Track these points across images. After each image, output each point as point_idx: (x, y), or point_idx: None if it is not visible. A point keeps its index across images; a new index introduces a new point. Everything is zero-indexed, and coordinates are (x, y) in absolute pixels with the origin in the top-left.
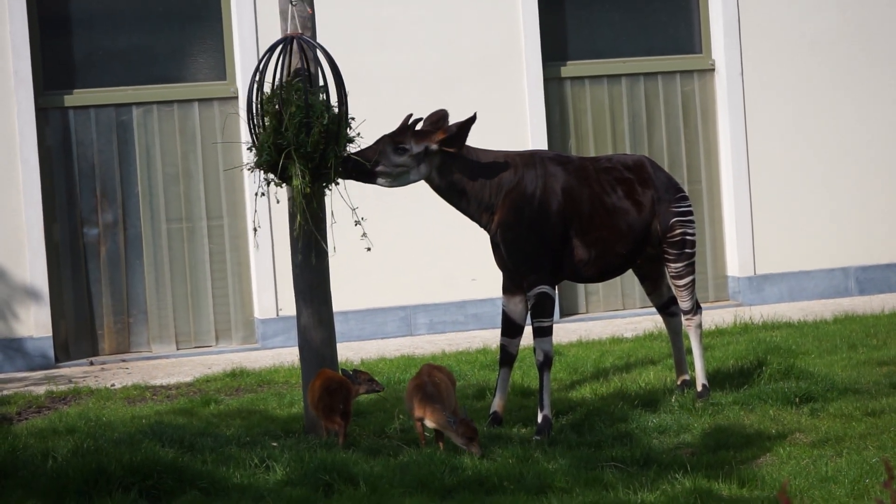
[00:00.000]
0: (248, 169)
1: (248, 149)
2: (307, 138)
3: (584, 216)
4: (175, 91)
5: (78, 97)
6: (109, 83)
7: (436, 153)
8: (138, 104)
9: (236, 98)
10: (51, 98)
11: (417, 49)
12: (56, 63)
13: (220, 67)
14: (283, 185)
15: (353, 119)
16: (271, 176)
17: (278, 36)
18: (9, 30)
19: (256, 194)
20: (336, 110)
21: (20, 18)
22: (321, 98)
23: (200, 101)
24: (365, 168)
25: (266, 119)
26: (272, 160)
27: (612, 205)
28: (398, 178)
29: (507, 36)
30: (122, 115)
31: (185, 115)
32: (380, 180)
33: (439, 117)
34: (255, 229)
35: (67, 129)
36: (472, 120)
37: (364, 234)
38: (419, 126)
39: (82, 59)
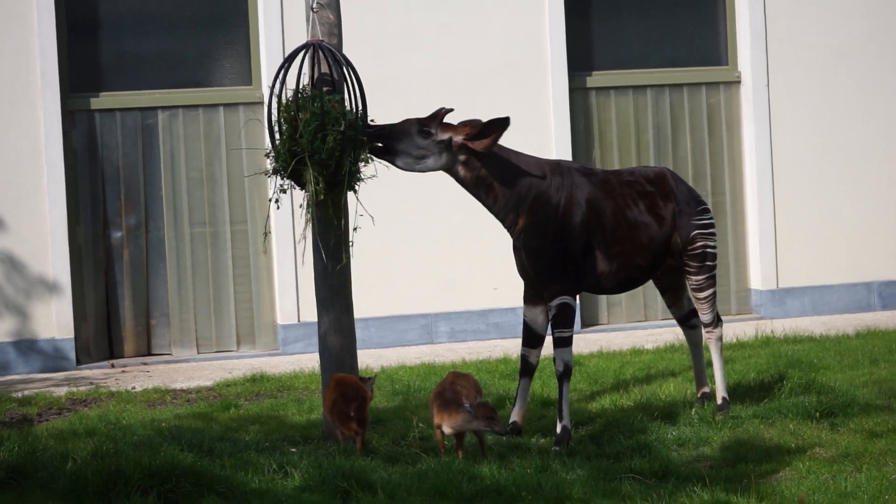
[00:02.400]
0: (267, 175)
1: (265, 155)
2: (322, 145)
3: (606, 229)
4: (201, 95)
5: (104, 100)
6: (136, 87)
7: (461, 147)
8: (164, 108)
9: (262, 103)
10: (77, 101)
11: (444, 56)
12: (83, 66)
13: (245, 72)
14: (303, 191)
15: (372, 121)
16: (289, 182)
17: (305, 41)
18: (37, 32)
19: (271, 200)
20: (353, 117)
21: (48, 21)
22: (337, 105)
23: (226, 105)
24: (387, 143)
25: (284, 125)
26: (286, 166)
27: (634, 219)
28: (419, 161)
29: (533, 45)
30: (148, 119)
31: (211, 119)
32: (399, 160)
33: (477, 122)
34: (265, 234)
35: (93, 131)
36: (505, 122)
37: (352, 243)
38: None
39: (109, 63)
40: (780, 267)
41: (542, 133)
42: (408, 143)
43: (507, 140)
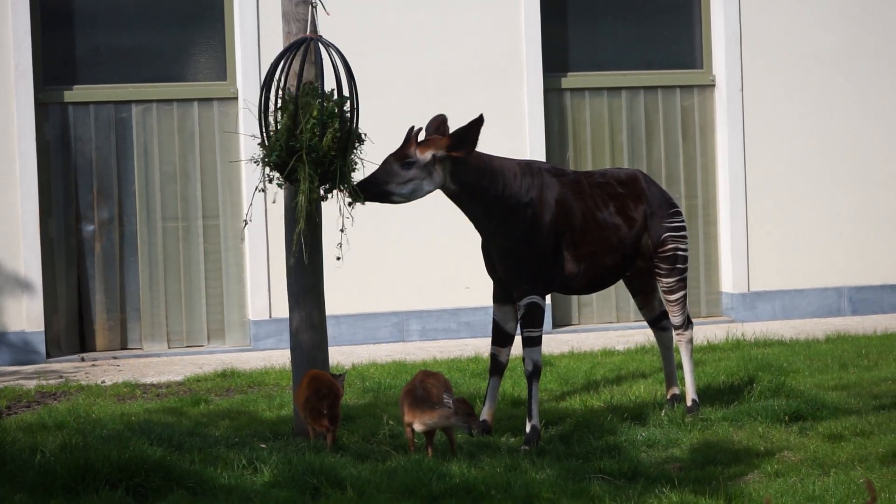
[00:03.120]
0: (255, 162)
1: (258, 144)
2: (320, 143)
3: (575, 230)
4: (175, 90)
5: (78, 93)
6: (110, 80)
7: (445, 159)
8: (138, 102)
9: (236, 99)
10: (50, 93)
11: (420, 55)
12: (57, 58)
13: (220, 68)
14: (285, 186)
15: (364, 135)
16: (276, 175)
17: (280, 38)
18: (10, 24)
19: (257, 189)
20: (348, 116)
21: (22, 12)
22: (335, 104)
23: (200, 100)
24: (376, 189)
25: (282, 119)
26: (282, 161)
27: (604, 220)
28: (414, 193)
29: (508, 45)
30: (122, 113)
31: (185, 114)
32: (394, 198)
33: (438, 123)
34: (245, 222)
35: (66, 124)
36: (480, 121)
37: (339, 245)
38: (421, 136)
39: (83, 55)
40: (751, 270)
41: (516, 133)
42: (395, 181)
43: (481, 140)
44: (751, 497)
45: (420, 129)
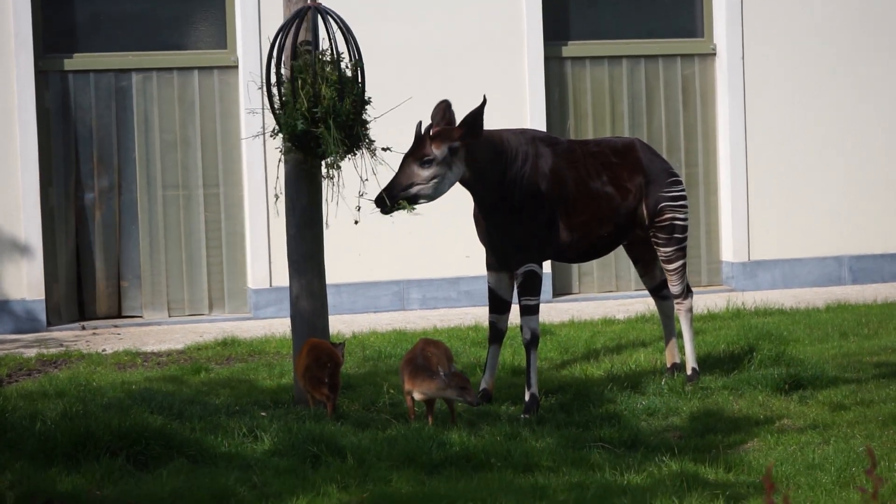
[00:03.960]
0: (272, 135)
1: (273, 115)
2: (342, 107)
3: (568, 199)
4: (175, 58)
5: (78, 61)
6: (110, 48)
7: (460, 148)
8: (138, 70)
9: (236, 67)
10: (51, 61)
11: (418, 24)
12: (57, 26)
13: (220, 36)
14: (288, 155)
15: (370, 100)
16: (290, 146)
17: (280, 7)
18: None
19: (280, 161)
20: (359, 80)
21: None
22: (348, 69)
23: (200, 69)
24: (402, 195)
25: (301, 88)
26: (307, 128)
27: (597, 190)
28: (438, 189)
29: (509, 13)
30: (122, 81)
31: (185, 82)
32: (421, 200)
33: (443, 109)
34: (276, 196)
35: (66, 92)
36: (483, 105)
37: (359, 208)
38: (433, 128)
39: (83, 23)
40: (751, 240)
41: (517, 102)
42: (418, 181)
43: (483, 109)
44: (751, 465)
45: (428, 126)
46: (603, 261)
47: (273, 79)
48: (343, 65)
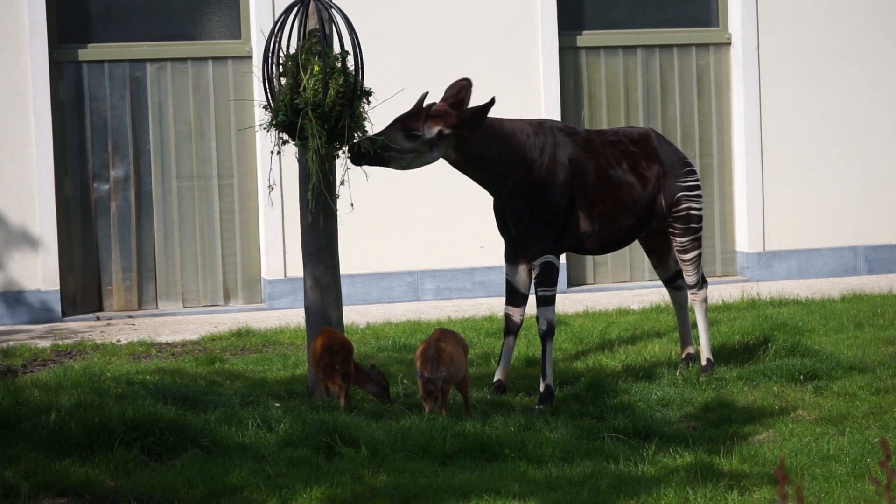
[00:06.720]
0: (264, 129)
1: (262, 107)
2: (324, 99)
3: (589, 189)
4: (189, 48)
5: (92, 51)
6: (124, 38)
7: (450, 136)
8: (152, 60)
9: (250, 57)
10: (65, 52)
11: (433, 12)
12: (71, 16)
13: (235, 26)
14: (299, 145)
15: (370, 92)
16: (285, 136)
17: None
18: None
19: (272, 152)
20: (352, 71)
21: None
22: (337, 59)
23: (214, 59)
24: (375, 153)
25: (284, 79)
26: (288, 120)
27: (617, 178)
28: (411, 164)
29: (523, 3)
30: (136, 71)
31: (199, 72)
32: (391, 166)
33: (459, 87)
34: (270, 187)
35: (81, 83)
36: (489, 105)
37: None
38: (441, 97)
39: (97, 14)
40: (766, 230)
41: (531, 91)
42: (395, 150)
43: (497, 99)
44: (765, 456)
45: (430, 102)
46: (617, 251)
47: (270, 70)
48: (334, 56)
